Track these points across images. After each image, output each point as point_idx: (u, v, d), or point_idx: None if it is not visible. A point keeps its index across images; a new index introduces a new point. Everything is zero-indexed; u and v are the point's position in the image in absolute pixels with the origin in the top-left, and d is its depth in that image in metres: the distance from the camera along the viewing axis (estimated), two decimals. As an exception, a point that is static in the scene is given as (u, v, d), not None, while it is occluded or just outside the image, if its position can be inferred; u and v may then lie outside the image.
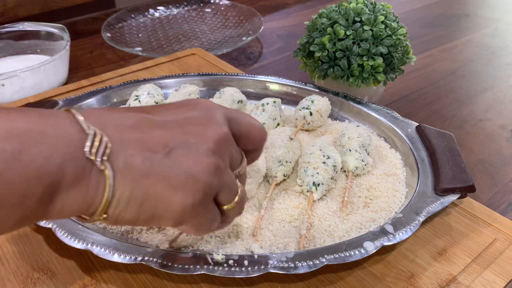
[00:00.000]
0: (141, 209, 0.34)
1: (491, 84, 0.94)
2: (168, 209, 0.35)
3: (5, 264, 0.49)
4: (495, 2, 1.43)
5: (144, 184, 0.33)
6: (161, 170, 0.34)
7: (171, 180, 0.34)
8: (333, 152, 0.58)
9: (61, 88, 0.81)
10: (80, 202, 0.32)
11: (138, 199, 0.34)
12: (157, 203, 0.34)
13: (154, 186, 0.34)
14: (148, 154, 0.33)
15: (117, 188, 0.33)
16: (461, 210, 0.57)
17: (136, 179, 0.33)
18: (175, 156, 0.34)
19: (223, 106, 0.41)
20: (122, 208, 0.33)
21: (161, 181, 0.34)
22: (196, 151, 0.35)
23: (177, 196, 0.34)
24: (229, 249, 0.49)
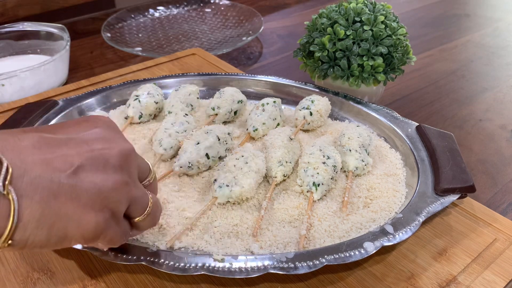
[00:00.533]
0: (52, 231, 0.33)
1: (491, 84, 0.94)
2: (80, 227, 0.34)
3: (5, 264, 0.49)
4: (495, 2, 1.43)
5: (53, 204, 0.33)
6: (70, 189, 0.33)
7: (81, 199, 0.34)
8: (333, 152, 0.58)
9: (61, 88, 0.81)
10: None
11: (49, 220, 0.33)
12: (68, 223, 0.34)
13: (65, 205, 0.33)
14: (54, 173, 0.33)
15: (25, 211, 0.31)
16: (461, 210, 0.57)
17: (44, 199, 0.32)
18: (82, 174, 0.34)
19: None
20: (31, 231, 0.32)
21: (71, 200, 0.33)
22: (103, 167, 0.36)
23: (89, 215, 0.34)
24: (229, 249, 0.48)
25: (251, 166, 0.55)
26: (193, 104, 0.73)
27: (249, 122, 0.68)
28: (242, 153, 0.56)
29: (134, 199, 0.39)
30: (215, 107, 0.70)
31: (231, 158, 0.56)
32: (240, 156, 0.56)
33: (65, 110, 0.69)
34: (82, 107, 0.71)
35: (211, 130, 0.61)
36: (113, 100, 0.75)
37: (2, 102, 0.79)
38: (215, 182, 0.54)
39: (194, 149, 0.58)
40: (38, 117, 0.67)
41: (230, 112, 0.70)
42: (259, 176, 0.56)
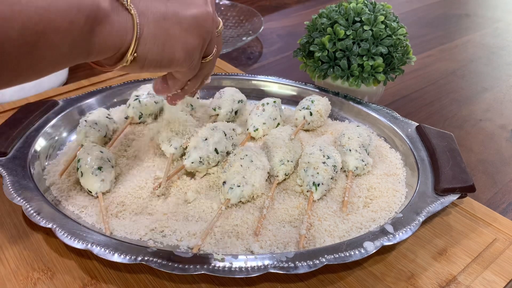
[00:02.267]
0: (165, 49, 0.40)
1: (491, 84, 0.94)
2: (184, 47, 0.41)
3: (5, 264, 0.49)
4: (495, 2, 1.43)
5: (163, 24, 0.39)
6: (174, 13, 0.40)
7: (183, 23, 0.41)
8: (333, 152, 0.58)
9: (61, 88, 0.81)
10: (114, 36, 0.37)
11: (162, 38, 0.40)
12: (176, 43, 0.41)
13: (172, 27, 0.40)
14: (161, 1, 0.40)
15: (143, 27, 0.38)
16: (461, 210, 0.57)
17: (157, 19, 0.39)
18: (182, 3, 0.41)
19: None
20: (149, 46, 0.39)
21: (176, 23, 0.40)
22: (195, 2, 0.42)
23: (191, 38, 0.41)
24: (229, 249, 0.49)
25: (257, 164, 0.55)
26: (193, 104, 0.73)
27: (250, 122, 0.68)
28: (245, 152, 0.56)
29: (213, 36, 0.45)
30: (216, 107, 0.70)
31: (236, 158, 0.56)
32: (245, 155, 0.56)
33: (65, 110, 0.69)
34: (83, 107, 0.71)
35: (216, 126, 0.62)
36: (113, 100, 0.75)
37: (2, 102, 0.79)
38: (224, 184, 0.54)
39: (203, 145, 0.58)
40: (38, 117, 0.67)
41: (231, 112, 0.71)
42: (265, 173, 0.56)
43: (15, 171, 0.56)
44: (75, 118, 0.69)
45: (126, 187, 0.57)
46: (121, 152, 0.64)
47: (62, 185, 0.57)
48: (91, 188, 0.55)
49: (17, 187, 0.54)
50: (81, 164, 0.56)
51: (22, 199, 0.52)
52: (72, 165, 0.60)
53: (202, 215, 0.54)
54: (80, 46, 0.35)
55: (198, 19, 0.42)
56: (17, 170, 0.57)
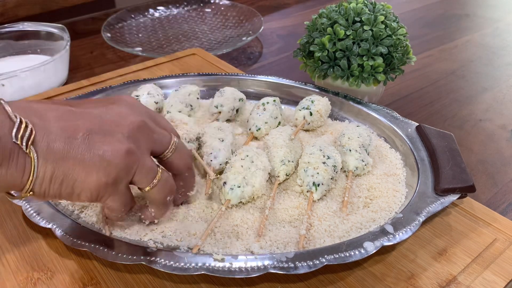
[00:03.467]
0: (62, 187, 0.40)
1: (491, 84, 0.94)
2: (84, 187, 0.40)
3: (5, 264, 0.49)
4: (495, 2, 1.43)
5: (63, 165, 0.39)
6: (78, 153, 0.39)
7: (87, 162, 0.40)
8: (333, 152, 0.58)
9: (61, 88, 0.81)
10: (9, 179, 0.37)
11: (59, 178, 0.39)
12: (74, 182, 0.40)
13: (72, 167, 0.39)
14: (68, 139, 0.39)
15: (40, 169, 0.38)
16: (461, 210, 0.57)
17: (56, 161, 0.39)
18: (91, 141, 0.40)
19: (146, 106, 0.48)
20: (46, 185, 0.39)
21: (78, 163, 0.39)
22: (111, 137, 0.41)
23: (92, 176, 0.40)
24: (229, 249, 0.49)
25: (258, 164, 0.55)
26: (193, 104, 0.73)
27: (251, 122, 0.68)
28: (246, 152, 0.56)
29: (139, 169, 0.43)
30: (218, 105, 0.70)
31: (237, 159, 0.56)
32: (245, 156, 0.56)
33: (65, 110, 0.69)
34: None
35: (221, 126, 0.63)
36: (113, 100, 0.75)
37: (2, 102, 0.79)
38: (225, 185, 0.54)
39: (223, 146, 0.59)
40: (38, 117, 0.66)
41: (232, 109, 0.71)
42: (266, 174, 0.56)
43: (15, 171, 0.56)
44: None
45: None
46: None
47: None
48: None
49: (17, 187, 0.54)
50: None
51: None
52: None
53: (202, 215, 0.54)
54: None
55: (104, 158, 0.40)
56: (17, 170, 0.57)
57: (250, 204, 0.55)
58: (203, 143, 0.61)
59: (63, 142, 0.39)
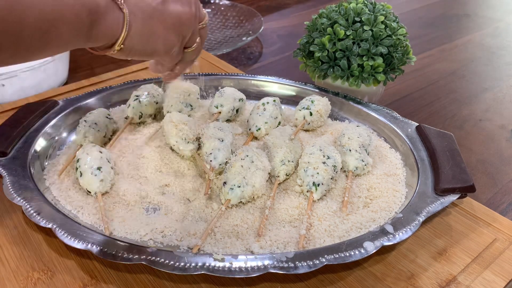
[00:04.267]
0: (148, 43, 0.46)
1: (491, 84, 0.94)
2: (165, 44, 0.48)
3: (5, 264, 0.49)
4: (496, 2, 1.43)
5: (149, 23, 0.45)
6: (160, 14, 0.46)
7: (167, 22, 0.47)
8: (333, 152, 0.58)
9: (61, 88, 0.81)
10: (108, 30, 0.42)
11: (146, 34, 0.46)
12: (158, 40, 0.47)
13: (156, 25, 0.46)
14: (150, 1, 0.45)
15: (131, 24, 0.44)
16: (461, 210, 0.57)
17: (144, 18, 0.45)
18: (168, 4, 0.47)
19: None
20: (135, 41, 0.45)
21: (160, 22, 0.46)
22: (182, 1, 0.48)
23: (171, 36, 0.48)
24: (229, 249, 0.49)
25: (258, 164, 0.55)
26: (193, 104, 0.73)
27: (251, 122, 0.68)
28: (246, 152, 0.56)
29: (193, 33, 0.52)
30: (218, 105, 0.70)
31: (237, 159, 0.56)
32: (245, 156, 0.56)
33: (65, 110, 0.69)
34: (82, 107, 0.71)
35: (220, 126, 0.62)
36: (113, 100, 0.75)
37: (2, 102, 0.79)
38: (225, 185, 0.54)
39: (223, 147, 0.59)
40: (38, 117, 0.67)
41: (232, 110, 0.71)
42: (266, 174, 0.56)
43: (15, 171, 0.56)
44: (75, 118, 0.69)
45: (125, 187, 0.57)
46: (121, 152, 0.64)
47: (61, 185, 0.57)
48: (90, 188, 0.55)
49: (17, 187, 0.54)
50: (80, 164, 0.56)
51: (22, 199, 0.52)
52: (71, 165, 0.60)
53: (202, 215, 0.54)
54: (81, 35, 0.40)
55: (181, 19, 0.48)
56: (17, 170, 0.57)
57: (250, 204, 0.55)
58: (202, 143, 0.61)
59: (147, 3, 0.45)
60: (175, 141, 0.62)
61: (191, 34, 0.51)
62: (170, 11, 0.47)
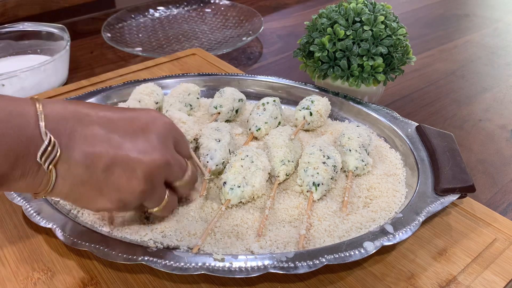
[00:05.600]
0: (75, 203, 0.44)
1: (491, 84, 0.94)
2: (95, 208, 0.44)
3: (5, 265, 0.49)
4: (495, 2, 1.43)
5: (79, 189, 0.41)
6: (96, 182, 0.41)
7: (103, 191, 0.42)
8: (333, 152, 0.58)
9: (61, 88, 0.81)
10: (25, 188, 0.40)
11: (73, 197, 0.42)
12: (88, 204, 0.43)
13: (88, 192, 0.41)
14: (89, 168, 0.40)
15: (57, 186, 0.40)
16: (461, 210, 0.57)
17: (74, 184, 0.40)
18: (111, 174, 0.41)
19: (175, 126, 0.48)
20: (60, 197, 0.43)
21: (94, 189, 0.41)
22: (130, 173, 0.41)
23: (103, 202, 0.42)
24: (229, 249, 0.49)
25: (258, 164, 0.55)
26: (193, 104, 0.73)
27: (251, 122, 0.68)
28: (246, 152, 0.56)
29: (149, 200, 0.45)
30: (217, 106, 0.70)
31: (237, 159, 0.56)
32: (245, 156, 0.56)
33: (65, 110, 0.69)
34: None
35: (218, 127, 0.62)
36: (113, 100, 0.75)
37: (2, 102, 0.79)
38: (225, 185, 0.54)
39: (220, 147, 0.59)
40: (38, 117, 0.66)
41: (232, 110, 0.71)
42: (266, 174, 0.56)
43: (15, 171, 0.56)
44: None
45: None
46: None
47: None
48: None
49: (17, 187, 0.54)
50: None
51: (22, 199, 0.52)
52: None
53: (202, 215, 0.54)
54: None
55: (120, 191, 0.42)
56: (17, 170, 0.57)
57: (250, 204, 0.55)
58: (200, 144, 0.61)
59: (84, 168, 0.40)
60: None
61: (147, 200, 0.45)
62: (109, 181, 0.41)
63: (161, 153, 0.43)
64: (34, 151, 0.37)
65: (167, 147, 0.44)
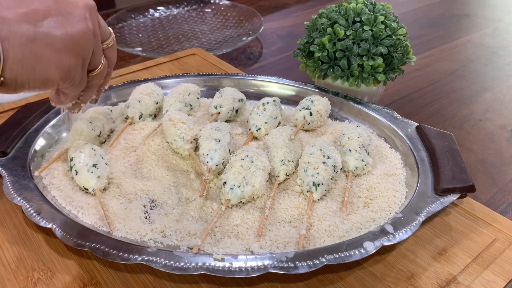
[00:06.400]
0: (35, 72, 0.40)
1: (491, 84, 0.94)
2: (58, 68, 0.41)
3: (5, 264, 0.49)
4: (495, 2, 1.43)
5: (31, 47, 0.39)
6: (44, 35, 0.39)
7: (56, 44, 0.40)
8: (333, 152, 0.58)
9: (61, 88, 0.81)
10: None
11: (30, 61, 0.39)
12: (48, 65, 0.40)
13: (42, 49, 0.39)
14: (30, 23, 0.39)
15: (8, 52, 0.38)
16: (461, 210, 0.57)
17: (23, 43, 0.38)
18: (55, 23, 0.40)
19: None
20: (17, 71, 0.39)
21: (46, 44, 0.40)
22: (72, 17, 0.41)
23: (65, 57, 0.41)
24: (229, 249, 0.49)
25: (258, 164, 0.55)
26: (192, 104, 0.73)
27: (251, 122, 0.68)
28: (246, 152, 0.56)
29: (95, 52, 0.44)
30: (217, 106, 0.70)
31: (237, 159, 0.56)
32: (245, 156, 0.56)
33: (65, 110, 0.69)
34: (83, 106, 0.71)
35: (218, 127, 0.62)
36: (113, 100, 0.75)
37: (2, 102, 0.79)
38: (225, 185, 0.54)
39: (220, 147, 0.59)
40: (38, 117, 0.67)
41: (232, 110, 0.71)
42: (266, 174, 0.56)
43: (15, 171, 0.56)
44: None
45: (125, 186, 0.57)
46: (120, 152, 0.64)
47: (60, 185, 0.57)
48: (87, 185, 0.55)
49: (17, 187, 0.54)
50: (74, 162, 0.56)
51: (22, 199, 0.52)
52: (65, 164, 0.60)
53: (202, 215, 0.54)
54: None
55: (74, 38, 0.41)
56: (17, 170, 0.57)
57: (250, 204, 0.55)
58: (200, 144, 0.61)
59: (27, 25, 0.39)
60: (173, 139, 0.62)
61: (92, 54, 0.44)
62: (58, 31, 0.40)
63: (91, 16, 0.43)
64: None
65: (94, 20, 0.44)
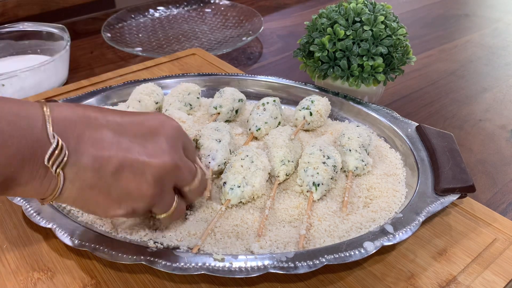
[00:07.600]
0: (84, 208, 0.42)
1: (491, 84, 0.94)
2: (105, 214, 0.42)
3: (5, 264, 0.49)
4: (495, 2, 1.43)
5: (88, 193, 0.40)
6: (105, 186, 0.40)
7: (112, 195, 0.41)
8: (333, 152, 0.58)
9: (61, 88, 0.81)
10: (32, 193, 0.39)
11: (81, 202, 0.41)
12: (96, 208, 0.42)
13: (96, 196, 0.40)
14: (98, 171, 0.39)
15: (65, 191, 0.39)
16: (461, 210, 0.57)
17: (82, 188, 0.39)
18: (120, 177, 0.40)
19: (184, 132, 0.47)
20: (67, 202, 0.41)
21: (103, 193, 0.40)
22: (140, 177, 0.41)
23: (114, 208, 0.42)
24: (229, 249, 0.49)
25: (258, 164, 0.55)
26: (192, 103, 0.73)
27: (251, 122, 0.68)
28: (246, 152, 0.56)
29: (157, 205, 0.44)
30: (217, 106, 0.70)
31: (237, 159, 0.56)
32: (245, 156, 0.56)
33: (65, 110, 0.69)
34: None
35: (218, 127, 0.62)
36: (113, 100, 0.75)
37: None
38: (225, 185, 0.54)
39: (221, 147, 0.59)
40: (38, 117, 0.66)
41: (232, 110, 0.71)
42: (266, 174, 0.56)
43: (15, 171, 0.56)
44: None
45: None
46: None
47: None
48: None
49: (17, 187, 0.54)
50: None
51: (22, 199, 0.52)
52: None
53: (202, 215, 0.54)
54: None
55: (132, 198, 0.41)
56: (17, 170, 0.57)
57: (250, 204, 0.55)
58: (200, 145, 0.61)
59: (93, 172, 0.39)
60: None
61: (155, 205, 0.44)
62: (120, 186, 0.40)
63: (170, 156, 0.42)
64: (41, 154, 0.37)
65: (176, 151, 0.43)
